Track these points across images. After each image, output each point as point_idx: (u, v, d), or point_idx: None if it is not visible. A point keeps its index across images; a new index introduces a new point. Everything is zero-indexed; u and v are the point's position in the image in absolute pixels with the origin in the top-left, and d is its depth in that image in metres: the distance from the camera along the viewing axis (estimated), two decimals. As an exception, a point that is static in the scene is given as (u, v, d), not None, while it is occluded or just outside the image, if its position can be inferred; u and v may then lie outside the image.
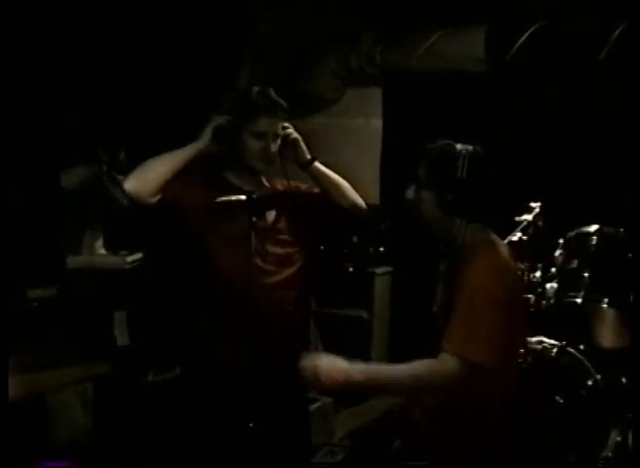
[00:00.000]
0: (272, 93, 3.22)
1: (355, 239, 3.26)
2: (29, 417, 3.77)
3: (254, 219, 3.00)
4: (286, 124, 3.27)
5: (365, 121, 5.52)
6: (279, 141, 3.23)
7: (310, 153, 3.35)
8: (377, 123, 5.50)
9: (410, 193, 2.91)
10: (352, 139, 5.60)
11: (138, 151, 3.33)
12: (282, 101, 3.22)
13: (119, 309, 4.28)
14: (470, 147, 2.85)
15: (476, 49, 4.72)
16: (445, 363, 2.65)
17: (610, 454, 3.39)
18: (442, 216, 2.83)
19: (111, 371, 4.09)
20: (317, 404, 5.06)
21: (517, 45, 4.50)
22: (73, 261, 4.40)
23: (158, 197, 3.13)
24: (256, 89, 3.21)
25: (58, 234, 4.38)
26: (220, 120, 3.19)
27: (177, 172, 3.15)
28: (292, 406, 3.37)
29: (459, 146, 2.85)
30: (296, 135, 3.32)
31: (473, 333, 2.64)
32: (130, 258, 4.46)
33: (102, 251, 4.64)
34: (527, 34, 4.48)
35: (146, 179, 3.12)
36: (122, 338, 4.25)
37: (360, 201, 3.43)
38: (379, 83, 5.49)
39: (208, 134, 3.19)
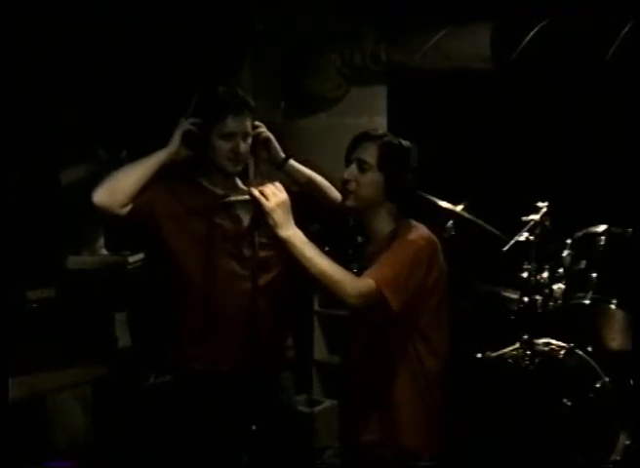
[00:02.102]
0: (240, 92, 3.18)
1: (360, 239, 3.23)
2: (29, 419, 3.75)
3: (256, 220, 2.95)
4: (257, 123, 3.24)
5: (369, 119, 5.47)
6: (249, 141, 3.18)
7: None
8: (381, 121, 5.45)
9: (351, 174, 2.98)
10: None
11: (139, 151, 3.28)
12: (250, 100, 3.18)
13: (120, 310, 4.25)
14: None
15: (482, 47, 4.69)
16: (362, 280, 2.81)
17: (619, 458, 3.36)
18: (381, 201, 2.97)
19: (112, 373, 4.06)
20: (321, 406, 5.03)
21: (524, 43, 4.46)
22: (74, 262, 4.37)
23: (129, 207, 3.10)
24: (222, 89, 3.17)
25: (58, 234, 4.36)
26: (187, 124, 3.15)
27: (147, 180, 3.12)
28: (278, 409, 3.33)
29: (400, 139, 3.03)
30: (267, 133, 3.29)
31: (395, 275, 2.80)
32: (131, 259, 4.43)
33: (104, 251, 4.61)
34: (533, 32, 4.44)
35: (116, 191, 3.07)
36: (123, 340, 4.23)
37: (340, 197, 3.37)
38: (383, 81, 5.45)
39: (176, 138, 3.15)
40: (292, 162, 3.34)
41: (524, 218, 3.67)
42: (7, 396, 2.75)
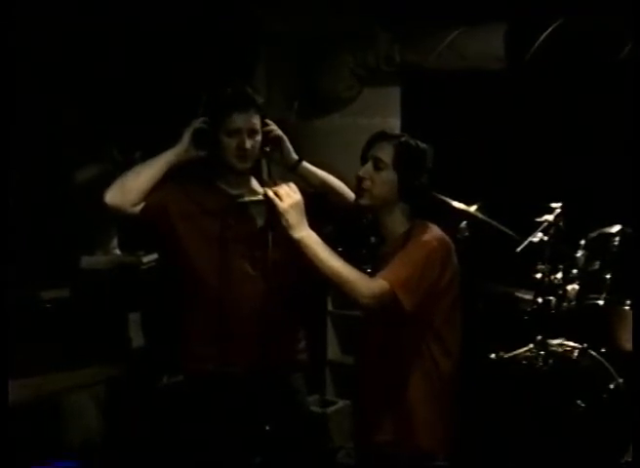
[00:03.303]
0: (248, 89, 3.18)
1: (373, 240, 3.23)
2: (42, 419, 3.75)
3: (269, 221, 2.95)
4: (268, 121, 3.23)
5: (382, 120, 5.47)
6: (258, 139, 3.16)
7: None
8: (394, 122, 5.45)
9: (366, 172, 2.97)
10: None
11: (154, 152, 3.29)
12: (258, 98, 3.18)
13: (134, 310, 4.26)
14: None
15: (496, 47, 4.68)
16: (376, 281, 2.80)
17: (631, 459, 3.35)
18: (395, 200, 2.97)
19: (126, 374, 4.07)
20: (334, 406, 5.03)
21: (537, 43, 4.45)
22: (87, 262, 4.38)
23: (140, 206, 3.10)
24: (229, 88, 3.18)
25: (72, 234, 4.37)
26: (196, 123, 3.16)
27: (158, 178, 3.12)
28: (291, 410, 3.32)
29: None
30: (279, 132, 3.27)
31: (408, 276, 2.80)
32: (145, 259, 4.43)
33: (117, 251, 4.62)
34: (547, 32, 4.43)
35: (127, 190, 3.08)
36: (137, 340, 4.23)
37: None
38: (396, 82, 5.45)
39: (185, 137, 3.16)
40: (305, 164, 3.33)
41: (538, 219, 3.67)
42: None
